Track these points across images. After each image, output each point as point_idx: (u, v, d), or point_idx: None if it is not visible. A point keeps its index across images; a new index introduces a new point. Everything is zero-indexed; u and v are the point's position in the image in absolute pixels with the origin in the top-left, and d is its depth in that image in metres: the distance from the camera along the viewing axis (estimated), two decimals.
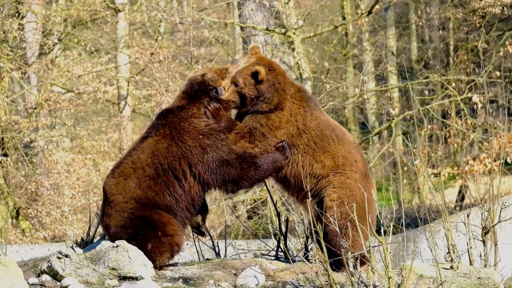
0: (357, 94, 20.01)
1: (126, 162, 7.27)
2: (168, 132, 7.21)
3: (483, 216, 7.84)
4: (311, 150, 7.35)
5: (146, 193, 7.13)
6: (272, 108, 7.34)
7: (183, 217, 7.28)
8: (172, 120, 7.25)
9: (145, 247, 7.01)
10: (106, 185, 7.28)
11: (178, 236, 7.16)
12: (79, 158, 20.92)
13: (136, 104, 24.13)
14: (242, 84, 7.31)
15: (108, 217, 7.23)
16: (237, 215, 17.95)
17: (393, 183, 19.81)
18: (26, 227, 20.96)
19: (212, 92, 7.29)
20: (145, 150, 7.23)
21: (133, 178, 7.17)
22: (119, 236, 7.12)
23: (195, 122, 7.22)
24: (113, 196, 7.19)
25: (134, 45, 21.38)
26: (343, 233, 7.05)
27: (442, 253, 8.02)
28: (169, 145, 7.17)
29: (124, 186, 7.17)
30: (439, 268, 6.92)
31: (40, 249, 11.38)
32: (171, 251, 7.13)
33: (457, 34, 25.84)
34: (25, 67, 21.26)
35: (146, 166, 7.16)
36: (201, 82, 7.35)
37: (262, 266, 7.29)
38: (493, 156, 17.56)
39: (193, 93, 7.36)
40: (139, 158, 7.21)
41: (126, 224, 7.13)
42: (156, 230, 7.08)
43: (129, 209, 7.13)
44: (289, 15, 19.30)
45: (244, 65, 7.41)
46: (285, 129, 7.33)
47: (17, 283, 6.26)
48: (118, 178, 7.23)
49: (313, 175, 7.35)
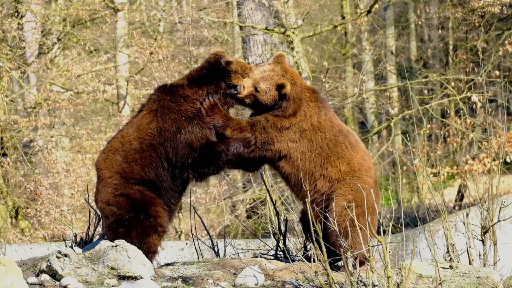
0: (356, 93, 20.01)
1: (116, 137, 7.37)
2: (154, 108, 7.28)
3: (482, 215, 7.84)
4: (325, 153, 7.41)
5: (132, 167, 7.19)
6: (285, 115, 7.41)
7: (168, 197, 7.31)
8: (163, 98, 7.31)
9: (130, 235, 7.09)
10: (97, 161, 7.39)
11: (161, 217, 7.21)
12: (79, 157, 20.92)
13: (135, 103, 24.09)
14: (263, 91, 7.39)
15: (96, 192, 7.36)
16: (236, 215, 17.95)
17: (393, 183, 19.79)
18: (26, 227, 20.95)
19: (231, 88, 7.33)
20: (133, 124, 7.32)
21: (120, 151, 7.24)
22: (105, 214, 7.23)
23: (183, 105, 7.26)
24: (101, 171, 7.28)
25: (134, 44, 21.39)
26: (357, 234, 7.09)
27: (441, 252, 8.03)
28: (151, 120, 7.24)
29: (111, 161, 7.24)
30: (438, 268, 6.92)
31: (39, 249, 11.38)
32: (156, 233, 7.18)
33: (456, 33, 25.85)
34: (25, 67, 21.26)
35: (133, 140, 7.22)
36: (224, 70, 7.33)
37: (261, 265, 7.29)
38: (492, 156, 17.56)
39: (202, 75, 7.36)
40: (127, 132, 7.30)
41: (109, 200, 7.21)
42: (138, 212, 7.13)
43: (113, 184, 7.19)
44: (289, 15, 19.30)
45: (269, 72, 7.46)
46: (294, 129, 7.38)
47: (17, 283, 6.26)
48: (107, 153, 7.32)
49: (327, 178, 7.39)
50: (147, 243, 7.14)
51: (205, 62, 7.43)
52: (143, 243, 7.13)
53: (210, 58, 7.42)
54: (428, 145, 22.17)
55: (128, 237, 7.09)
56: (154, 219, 7.18)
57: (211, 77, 7.34)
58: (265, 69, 7.50)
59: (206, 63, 7.42)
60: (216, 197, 19.00)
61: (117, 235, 7.13)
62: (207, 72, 7.36)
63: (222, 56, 7.36)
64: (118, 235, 7.13)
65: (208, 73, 7.35)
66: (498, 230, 8.06)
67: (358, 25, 21.06)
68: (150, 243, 7.16)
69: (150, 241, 7.16)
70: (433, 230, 9.76)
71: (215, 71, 7.35)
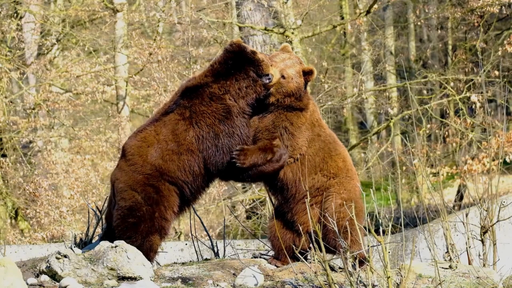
0: (355, 93, 20.00)
1: (149, 130, 7.31)
2: (188, 115, 7.24)
3: (482, 215, 7.84)
4: (327, 148, 7.42)
5: (169, 166, 7.18)
6: (302, 106, 7.40)
7: (191, 199, 7.38)
8: (193, 102, 7.26)
9: (138, 229, 7.09)
10: (127, 145, 7.33)
11: (170, 222, 7.25)
12: (78, 158, 20.92)
13: (134, 104, 24.13)
14: (289, 77, 7.33)
15: (121, 172, 7.27)
16: (236, 215, 17.93)
17: (392, 183, 19.81)
18: (25, 228, 20.95)
19: (263, 77, 7.24)
20: (167, 125, 7.27)
21: (156, 147, 7.21)
22: (122, 196, 7.17)
23: (213, 105, 7.23)
24: (132, 156, 7.24)
25: (133, 45, 21.40)
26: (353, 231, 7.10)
27: (441, 252, 8.03)
28: (188, 128, 7.22)
29: (146, 151, 7.21)
30: (438, 268, 6.92)
31: (39, 250, 11.38)
32: (159, 234, 7.22)
33: (455, 33, 25.87)
34: (24, 68, 21.26)
35: (170, 141, 7.21)
36: (252, 59, 7.24)
37: (261, 266, 7.29)
38: (492, 155, 17.56)
39: (228, 67, 7.28)
40: (162, 131, 7.26)
41: (136, 185, 7.16)
42: (156, 209, 7.15)
43: (145, 173, 7.17)
44: (288, 15, 19.30)
45: (289, 60, 7.41)
46: (307, 125, 7.40)
47: (16, 284, 6.26)
48: (140, 142, 7.28)
49: (325, 173, 7.39)
50: (150, 241, 7.15)
51: (226, 52, 7.28)
52: (146, 240, 7.13)
53: (231, 48, 7.28)
54: (428, 145, 22.18)
55: (135, 231, 7.09)
56: (165, 222, 7.19)
57: (238, 66, 7.25)
58: (284, 57, 7.45)
59: (228, 53, 7.28)
60: (216, 198, 19.00)
61: (125, 225, 7.13)
62: (233, 62, 7.26)
63: (245, 47, 7.26)
64: (126, 225, 7.13)
65: (234, 63, 7.26)
66: (498, 230, 8.06)
67: (357, 25, 21.07)
68: (153, 241, 7.17)
69: (153, 240, 7.17)
70: (433, 230, 9.77)
71: (240, 60, 7.25)
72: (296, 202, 7.40)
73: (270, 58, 7.42)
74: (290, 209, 7.44)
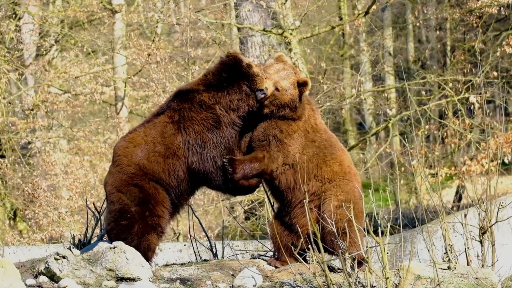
0: (354, 94, 20.00)
1: (139, 131, 7.37)
2: (177, 119, 7.26)
3: (481, 216, 7.85)
4: (322, 153, 7.40)
5: (153, 167, 7.20)
6: (295, 117, 7.37)
7: (179, 202, 7.37)
8: (183, 106, 7.27)
9: (132, 231, 7.09)
10: (116, 146, 7.40)
11: (164, 219, 7.23)
12: (77, 159, 20.90)
13: (133, 105, 24.11)
14: (283, 90, 7.28)
15: (109, 175, 7.35)
16: (234, 216, 17.93)
17: (391, 184, 19.79)
18: (24, 228, 20.94)
19: (258, 92, 7.20)
20: (156, 127, 7.30)
21: (142, 148, 7.24)
22: (111, 199, 7.22)
23: (203, 113, 7.24)
24: (119, 157, 7.30)
25: (131, 46, 21.38)
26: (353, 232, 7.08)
27: (439, 253, 8.03)
28: (176, 132, 7.23)
29: (132, 151, 7.25)
30: (437, 269, 6.92)
31: (37, 250, 11.37)
32: (155, 232, 7.21)
33: (454, 34, 25.87)
34: (22, 69, 21.25)
35: (157, 143, 7.24)
36: (246, 74, 7.21)
37: (259, 266, 7.29)
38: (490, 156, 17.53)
39: (221, 79, 7.25)
40: (150, 132, 7.29)
41: (121, 186, 7.20)
42: (145, 208, 7.14)
43: (130, 172, 7.20)
44: (286, 16, 19.29)
45: (284, 71, 7.36)
46: (300, 133, 7.37)
47: (15, 284, 6.26)
48: (127, 143, 7.33)
49: (320, 178, 7.37)
50: (146, 240, 7.15)
51: (221, 64, 7.26)
52: (143, 240, 7.13)
53: (227, 60, 7.25)
54: (426, 146, 22.17)
55: (129, 232, 7.10)
56: (158, 218, 7.19)
57: (231, 80, 7.23)
58: (278, 68, 7.40)
59: (222, 65, 7.25)
60: (214, 199, 18.98)
61: (119, 228, 7.13)
62: (227, 75, 7.24)
63: (241, 59, 7.22)
64: (119, 228, 7.13)
65: (228, 76, 7.24)
66: (496, 231, 8.06)
67: (356, 26, 21.07)
68: (150, 241, 7.16)
69: (149, 239, 7.16)
70: (431, 231, 9.76)
71: (235, 73, 7.23)
72: (293, 207, 7.42)
73: (264, 69, 7.36)
74: (288, 213, 7.46)
